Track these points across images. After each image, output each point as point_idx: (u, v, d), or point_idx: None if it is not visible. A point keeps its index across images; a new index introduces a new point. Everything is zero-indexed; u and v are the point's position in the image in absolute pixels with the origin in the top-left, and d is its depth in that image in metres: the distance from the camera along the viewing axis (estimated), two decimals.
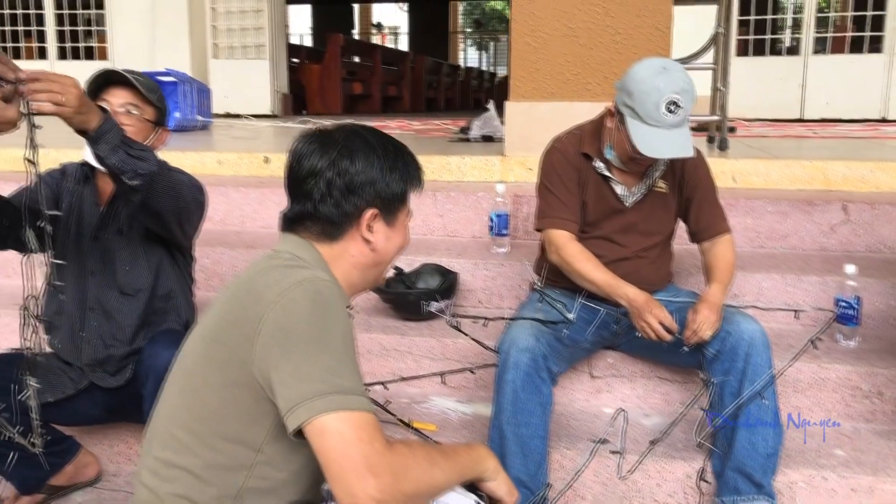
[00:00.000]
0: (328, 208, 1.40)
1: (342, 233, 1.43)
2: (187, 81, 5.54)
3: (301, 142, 1.46)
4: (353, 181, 1.40)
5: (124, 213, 2.24)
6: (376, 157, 1.43)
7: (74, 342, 2.24)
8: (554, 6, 3.32)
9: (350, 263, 1.46)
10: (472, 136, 4.66)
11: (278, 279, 1.33)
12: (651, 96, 2.12)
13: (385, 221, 1.46)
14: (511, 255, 2.98)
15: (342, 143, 1.42)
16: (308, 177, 1.41)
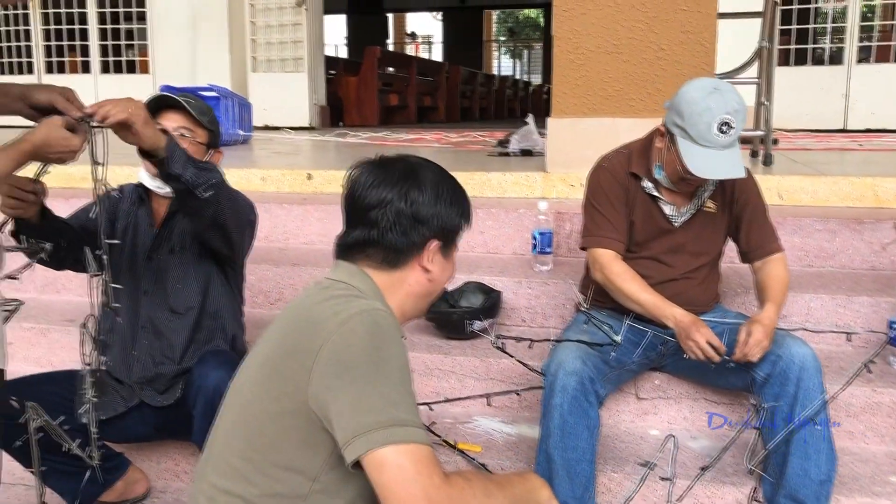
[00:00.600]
0: (395, 236, 1.43)
1: (404, 262, 1.46)
2: (229, 96, 5.62)
3: (362, 171, 1.49)
4: (421, 212, 1.43)
5: (179, 231, 2.29)
6: (442, 190, 1.47)
7: (126, 360, 2.27)
8: (597, 23, 3.31)
9: (405, 292, 1.48)
10: (512, 151, 4.66)
11: (336, 310, 1.34)
12: (703, 117, 2.10)
13: (442, 253, 1.49)
14: (554, 273, 2.97)
15: (411, 175, 1.46)
16: (376, 206, 1.43)
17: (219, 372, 2.12)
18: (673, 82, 3.27)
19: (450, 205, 1.47)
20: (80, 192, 3.24)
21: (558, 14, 3.38)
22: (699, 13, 3.22)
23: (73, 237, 2.17)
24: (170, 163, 1.89)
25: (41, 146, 1.66)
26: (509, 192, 3.55)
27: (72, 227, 2.19)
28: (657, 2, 3.25)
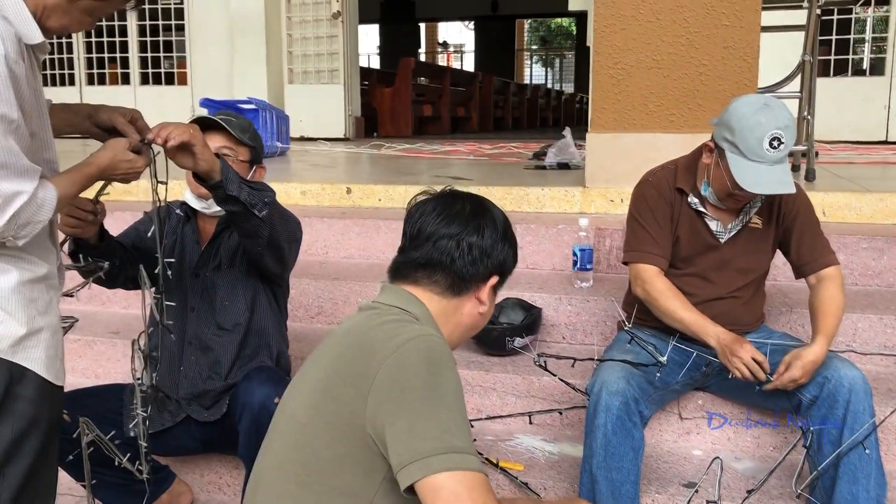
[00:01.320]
0: (464, 265, 1.50)
1: (466, 291, 1.52)
2: (267, 109, 5.69)
3: (433, 202, 1.56)
4: (490, 247, 1.52)
5: (227, 249, 2.32)
6: (507, 230, 1.57)
7: (173, 376, 2.31)
8: (637, 38, 3.31)
9: (456, 322, 1.54)
10: (548, 164, 4.65)
11: (391, 334, 1.36)
12: (754, 132, 2.09)
13: (494, 289, 1.57)
14: (595, 290, 2.96)
15: (482, 211, 1.55)
16: (449, 236, 1.50)
17: (264, 388, 2.15)
18: (714, 98, 3.26)
19: (510, 245, 1.57)
20: (124, 206, 3.30)
21: (598, 29, 3.38)
22: (741, 28, 3.20)
23: (126, 256, 2.22)
24: (226, 185, 1.93)
25: (106, 168, 1.69)
26: (548, 207, 3.55)
27: (124, 246, 2.23)
28: (699, 17, 3.23)
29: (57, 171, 1.66)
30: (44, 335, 1.61)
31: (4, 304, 1.55)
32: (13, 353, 1.56)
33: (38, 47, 1.57)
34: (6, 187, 1.44)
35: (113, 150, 1.71)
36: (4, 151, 1.43)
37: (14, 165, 1.45)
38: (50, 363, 1.62)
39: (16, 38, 1.46)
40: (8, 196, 1.45)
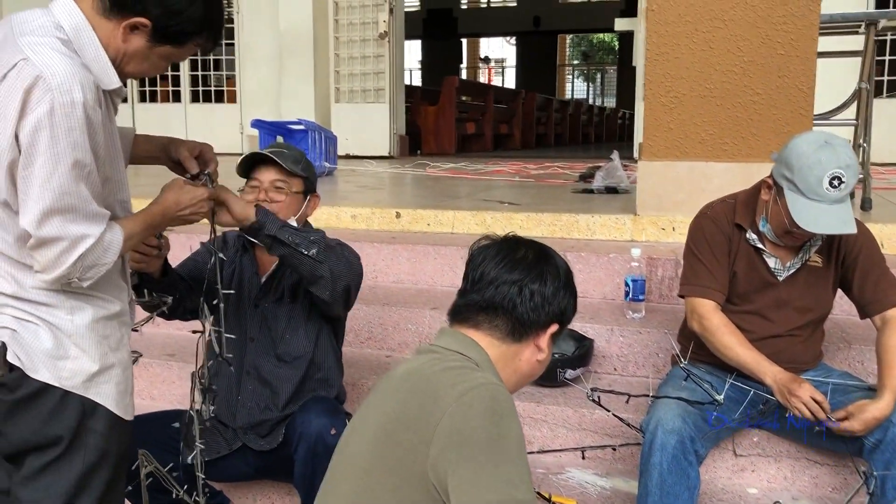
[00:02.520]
0: (526, 311, 1.51)
1: (526, 337, 1.53)
2: (316, 130, 5.76)
3: (495, 247, 1.58)
4: (552, 294, 1.53)
5: (289, 283, 2.35)
6: (568, 279, 1.58)
7: (230, 405, 2.34)
8: (689, 67, 3.29)
9: (514, 368, 1.55)
10: (596, 188, 4.64)
11: (454, 381, 1.37)
12: (813, 170, 2.07)
13: (553, 337, 1.57)
14: (647, 321, 2.94)
15: (546, 259, 1.56)
16: (512, 281, 1.52)
17: (322, 419, 2.18)
18: (769, 127, 3.23)
19: (571, 294, 1.58)
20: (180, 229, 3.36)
21: (650, 58, 3.37)
22: (797, 57, 3.17)
23: (185, 288, 2.26)
24: (265, 226, 1.98)
25: (169, 209, 1.74)
26: (598, 234, 3.54)
27: (183, 278, 2.28)
28: (754, 46, 3.21)
29: (130, 212, 1.72)
30: (115, 371, 1.66)
31: (79, 341, 1.60)
32: (86, 388, 1.61)
33: (115, 92, 1.63)
34: (74, 230, 1.49)
35: (173, 191, 1.76)
36: (74, 196, 1.48)
37: (83, 210, 1.50)
38: (120, 398, 1.67)
39: (94, 86, 1.51)
40: (75, 239, 1.50)
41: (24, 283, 1.56)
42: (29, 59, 1.46)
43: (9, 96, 1.45)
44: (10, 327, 1.57)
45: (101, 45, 1.57)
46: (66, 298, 1.59)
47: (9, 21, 1.56)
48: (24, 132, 1.44)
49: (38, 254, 1.51)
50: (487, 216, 3.73)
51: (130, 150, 1.82)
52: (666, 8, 3.31)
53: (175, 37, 1.62)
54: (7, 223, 1.53)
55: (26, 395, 1.58)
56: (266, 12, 8.29)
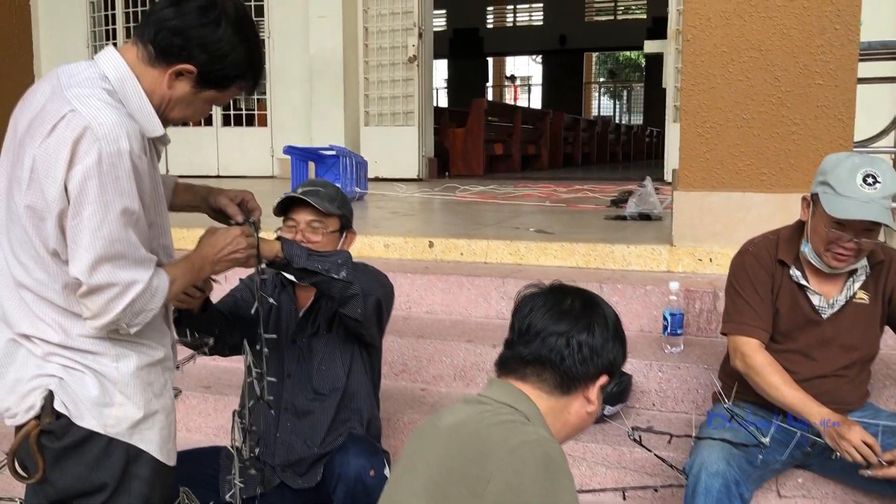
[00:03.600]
0: (573, 364, 1.49)
1: (575, 389, 1.51)
2: (347, 155, 5.80)
3: (541, 297, 1.57)
4: (601, 346, 1.51)
5: (325, 315, 2.35)
6: (617, 328, 1.56)
7: (268, 443, 2.34)
8: (726, 97, 3.26)
9: (564, 421, 1.52)
10: (629, 214, 4.61)
11: (505, 436, 1.36)
12: (847, 168, 2.09)
13: (602, 388, 1.54)
14: (686, 356, 2.90)
15: (593, 309, 1.54)
16: (559, 333, 1.50)
17: (360, 460, 2.17)
18: (807, 158, 3.19)
19: (621, 343, 1.55)
20: None
21: (685, 88, 3.35)
22: (836, 87, 3.13)
23: (225, 324, 2.27)
24: (293, 261, 2.00)
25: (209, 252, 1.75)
26: (633, 265, 3.51)
27: (223, 314, 2.29)
28: (791, 76, 3.18)
29: (172, 256, 1.73)
30: (158, 417, 1.66)
31: (124, 389, 1.61)
32: (130, 434, 1.62)
33: (159, 139, 1.65)
34: (123, 276, 1.51)
35: (208, 236, 1.77)
36: (124, 243, 1.50)
37: (132, 256, 1.52)
38: (163, 444, 1.67)
39: (140, 134, 1.53)
40: (125, 285, 1.51)
41: (70, 331, 1.58)
42: (77, 110, 1.48)
43: (58, 147, 1.47)
44: (57, 375, 1.59)
45: (146, 93, 1.60)
46: (112, 346, 1.60)
47: (56, 74, 1.59)
48: (72, 182, 1.46)
49: (89, 301, 1.52)
50: (521, 245, 3.71)
51: (171, 198, 1.84)
52: (701, 38, 3.29)
53: (219, 81, 1.64)
54: (56, 272, 1.55)
55: (73, 443, 1.60)
56: (296, 37, 8.37)
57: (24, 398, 1.61)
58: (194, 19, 1.58)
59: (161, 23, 1.59)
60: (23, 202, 1.53)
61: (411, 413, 2.84)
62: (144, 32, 1.60)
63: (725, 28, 3.24)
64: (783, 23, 3.18)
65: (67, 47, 9.10)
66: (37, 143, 1.50)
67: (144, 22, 1.62)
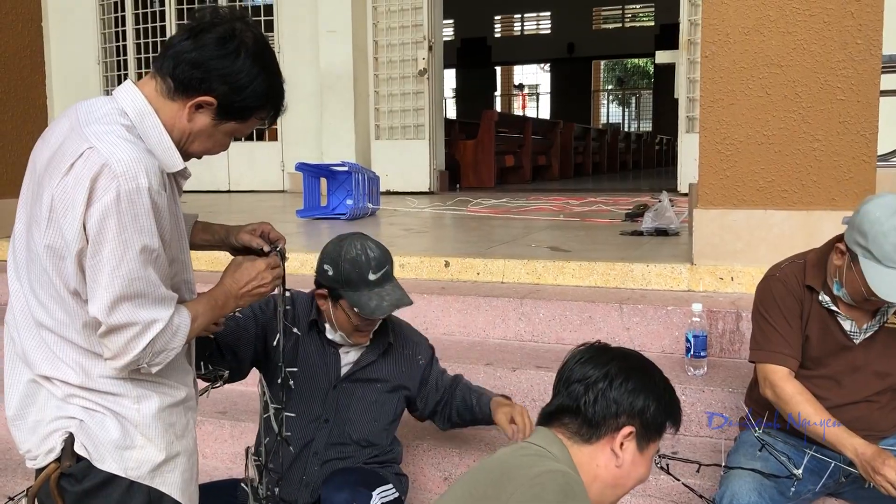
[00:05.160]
0: (591, 408, 1.46)
1: (597, 438, 1.47)
2: (360, 171, 5.77)
3: (582, 350, 1.56)
4: (623, 397, 1.47)
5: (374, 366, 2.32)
6: (649, 383, 1.50)
7: (293, 484, 2.27)
8: (746, 113, 3.22)
9: (594, 474, 1.48)
10: (646, 230, 4.56)
11: (529, 465, 1.38)
12: (889, 238, 1.98)
13: (637, 445, 1.49)
14: (710, 379, 2.85)
15: (621, 360, 1.52)
16: (580, 379, 1.49)
17: (342, 494, 2.12)
18: (830, 174, 3.14)
19: (654, 399, 1.49)
20: None
21: (704, 105, 3.31)
22: (858, 103, 3.09)
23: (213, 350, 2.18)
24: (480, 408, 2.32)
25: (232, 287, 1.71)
26: (653, 284, 3.46)
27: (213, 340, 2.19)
28: (812, 92, 3.13)
29: (194, 293, 1.70)
30: (180, 459, 1.63)
31: (145, 431, 1.58)
32: (151, 478, 1.59)
33: (179, 173, 1.62)
34: (143, 315, 1.48)
35: (230, 270, 1.73)
36: (143, 281, 1.47)
37: (152, 294, 1.49)
38: (185, 486, 1.64)
39: (159, 170, 1.50)
40: (145, 324, 1.48)
41: (91, 372, 1.55)
42: (95, 147, 1.46)
43: (76, 185, 1.45)
44: (77, 417, 1.56)
45: (166, 127, 1.57)
46: (133, 387, 1.57)
47: (75, 110, 1.56)
48: (91, 221, 1.44)
49: (109, 341, 1.49)
50: (538, 265, 3.67)
51: (190, 236, 1.80)
52: (720, 54, 3.25)
53: (239, 112, 1.61)
54: (76, 312, 1.52)
55: (93, 486, 1.57)
56: (306, 51, 8.37)
57: (45, 440, 1.58)
58: (213, 51, 1.55)
59: (180, 55, 1.56)
60: (42, 242, 1.50)
61: (431, 439, 2.80)
62: (163, 65, 1.57)
63: (744, 44, 3.20)
64: (803, 38, 3.14)
65: (79, 65, 9.13)
66: (55, 181, 1.47)
67: (162, 55, 1.59)
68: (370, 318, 2.18)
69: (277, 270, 1.78)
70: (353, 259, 2.16)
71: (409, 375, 2.36)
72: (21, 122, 4.88)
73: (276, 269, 1.77)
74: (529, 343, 3.31)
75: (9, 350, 1.64)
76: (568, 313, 3.25)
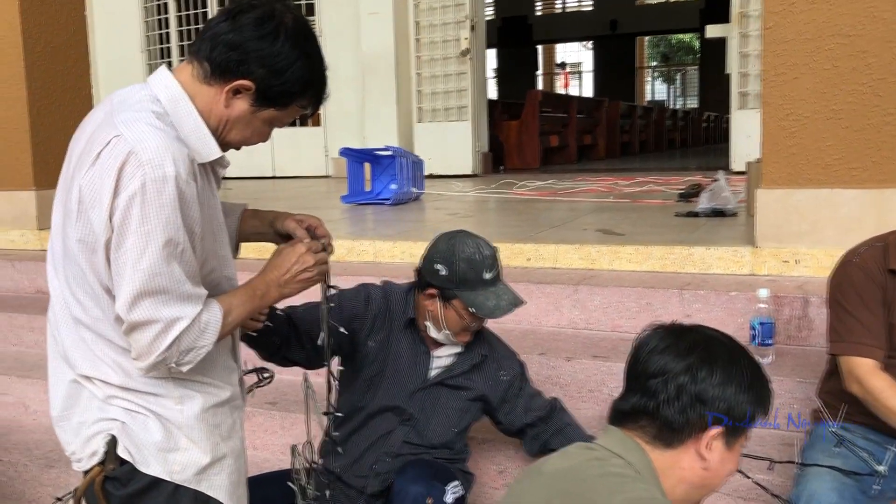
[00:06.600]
0: (672, 412, 1.31)
1: (679, 442, 1.33)
2: (404, 155, 5.68)
3: (652, 335, 1.39)
4: (707, 392, 1.30)
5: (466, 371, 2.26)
6: (736, 372, 1.32)
7: (362, 473, 2.23)
8: (812, 87, 3.04)
9: (678, 477, 1.34)
10: (702, 210, 4.39)
11: (612, 490, 1.24)
12: None
13: (725, 442, 1.34)
14: (777, 367, 2.70)
15: (703, 348, 1.33)
16: (656, 374, 1.32)
17: (417, 487, 2.07)
18: None
19: (743, 390, 1.33)
20: None
21: (767, 80, 3.13)
22: None
23: (292, 334, 2.12)
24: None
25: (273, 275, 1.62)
26: (714, 269, 3.31)
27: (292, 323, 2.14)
28: (884, 63, 2.94)
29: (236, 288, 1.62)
30: (227, 461, 1.56)
31: (189, 433, 1.51)
32: (198, 481, 1.52)
33: (217, 162, 1.54)
34: (166, 313, 1.40)
35: (272, 259, 1.64)
36: (166, 277, 1.39)
37: (175, 291, 1.40)
38: (233, 489, 1.57)
39: (188, 159, 1.42)
40: (168, 322, 1.40)
41: (131, 371, 1.48)
42: (122, 135, 1.38)
43: (103, 175, 1.37)
44: (119, 419, 1.50)
45: (202, 114, 1.49)
46: (175, 387, 1.50)
47: (110, 99, 1.50)
48: (117, 212, 1.36)
49: (132, 339, 1.42)
50: (592, 249, 3.54)
51: (238, 225, 1.72)
52: (783, 25, 3.07)
53: (279, 98, 1.52)
54: (110, 308, 1.45)
55: (138, 490, 1.51)
56: (348, 35, 8.28)
57: (88, 443, 1.52)
58: (251, 32, 1.47)
59: (217, 37, 1.48)
60: (74, 236, 1.43)
61: (484, 432, 2.70)
62: (200, 49, 1.49)
63: (810, 13, 3.02)
64: (874, 5, 2.95)
65: (123, 54, 9.16)
66: (83, 171, 1.41)
67: (199, 38, 1.51)
68: (488, 317, 2.13)
69: (321, 256, 1.68)
70: (469, 258, 2.10)
71: (491, 388, 2.29)
72: (68, 112, 4.89)
73: (318, 254, 1.67)
74: (584, 331, 3.19)
75: (52, 349, 1.59)
76: (625, 300, 3.12)
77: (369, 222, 4.99)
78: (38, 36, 4.78)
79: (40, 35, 4.79)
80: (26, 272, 4.38)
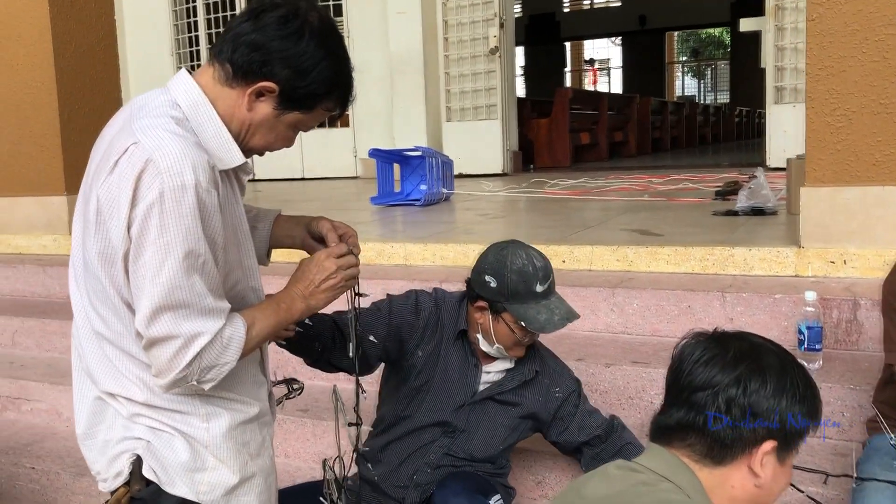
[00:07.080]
0: (723, 428, 1.21)
1: (731, 459, 1.24)
2: (433, 155, 5.61)
3: (695, 343, 1.29)
4: (760, 405, 1.21)
5: (516, 388, 2.20)
6: (789, 382, 1.23)
7: (402, 484, 2.17)
8: (860, 80, 2.92)
9: (728, 496, 1.25)
10: (740, 209, 4.26)
11: None
12: None
13: (777, 457, 1.25)
14: (826, 373, 2.59)
15: (752, 357, 1.24)
16: (704, 387, 1.23)
17: (460, 499, 2.03)
18: None
19: (796, 401, 1.24)
20: None
21: (811, 73, 3.01)
22: None
23: (328, 342, 2.06)
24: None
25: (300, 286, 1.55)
26: (756, 270, 3.19)
27: (337, 328, 2.06)
28: None
29: (262, 300, 1.55)
30: (256, 481, 1.50)
31: (216, 451, 1.45)
32: (226, 501, 1.47)
33: (240, 169, 1.47)
34: (186, 328, 1.33)
35: (299, 270, 1.57)
36: (186, 290, 1.32)
37: (196, 305, 1.33)
38: None
39: (209, 166, 1.35)
40: (188, 337, 1.33)
41: (155, 388, 1.42)
42: (140, 142, 1.32)
43: (120, 185, 1.31)
44: (144, 438, 1.44)
45: (223, 119, 1.42)
46: (201, 404, 1.44)
47: (130, 105, 1.44)
48: (135, 222, 1.30)
49: (151, 355, 1.36)
50: (629, 251, 3.44)
51: (271, 230, 1.66)
52: (828, 17, 2.94)
53: (303, 100, 1.45)
54: (131, 322, 1.39)
55: None
56: (376, 35, 8.23)
57: (113, 463, 1.47)
58: (274, 31, 1.40)
59: (239, 38, 1.41)
60: (94, 248, 1.38)
61: (523, 442, 2.62)
62: (222, 51, 1.43)
63: (857, 3, 2.89)
64: None
65: (152, 57, 9.20)
66: (101, 180, 1.35)
67: (221, 40, 1.45)
68: (540, 332, 2.06)
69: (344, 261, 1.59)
70: (520, 270, 2.02)
71: (542, 406, 2.22)
72: (98, 116, 4.87)
73: (341, 259, 1.58)
74: (622, 335, 3.09)
75: (76, 364, 1.54)
76: (664, 303, 3.02)
77: (399, 224, 4.92)
78: (69, 41, 4.79)
79: (70, 40, 4.80)
80: (58, 277, 4.37)
